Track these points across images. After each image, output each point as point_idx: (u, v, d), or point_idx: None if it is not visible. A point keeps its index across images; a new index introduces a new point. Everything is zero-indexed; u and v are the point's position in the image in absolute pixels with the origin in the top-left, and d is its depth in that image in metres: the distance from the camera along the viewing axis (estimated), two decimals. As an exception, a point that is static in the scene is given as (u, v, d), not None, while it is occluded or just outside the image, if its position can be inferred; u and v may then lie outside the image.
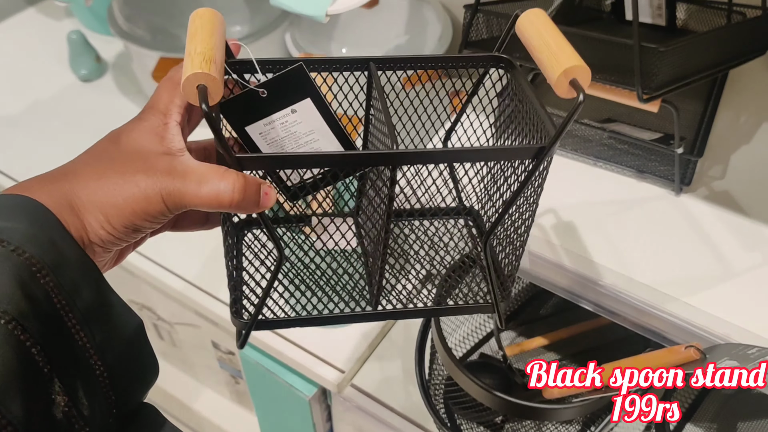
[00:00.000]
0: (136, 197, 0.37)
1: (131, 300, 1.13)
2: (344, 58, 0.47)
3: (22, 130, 1.10)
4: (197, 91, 0.36)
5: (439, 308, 0.51)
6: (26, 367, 0.32)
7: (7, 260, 0.33)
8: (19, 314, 0.32)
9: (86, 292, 0.35)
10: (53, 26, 1.30)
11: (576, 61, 0.39)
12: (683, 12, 0.82)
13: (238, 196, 0.38)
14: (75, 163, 0.40)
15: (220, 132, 0.37)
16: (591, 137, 0.72)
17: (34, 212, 0.36)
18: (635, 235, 0.65)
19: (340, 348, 0.85)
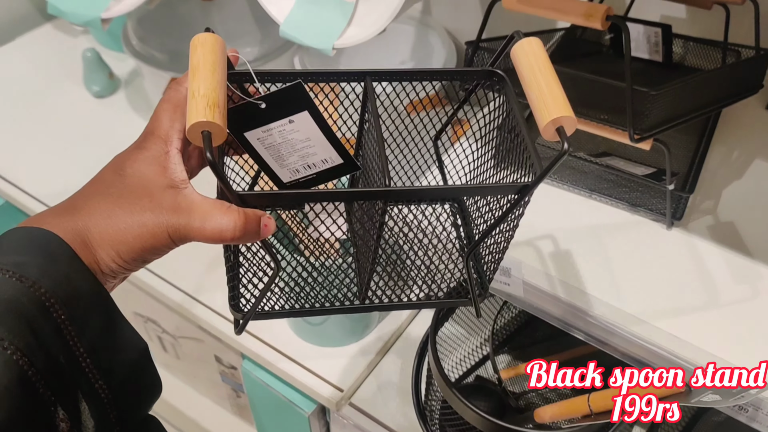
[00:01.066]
0: (144, 235, 0.40)
1: (137, 313, 1.15)
2: (341, 71, 0.49)
3: (35, 144, 1.13)
4: (202, 137, 0.38)
5: (420, 302, 0.53)
6: (31, 398, 0.34)
7: (24, 296, 0.35)
8: (28, 349, 0.34)
9: (95, 322, 0.38)
10: (69, 42, 1.33)
11: (564, 111, 0.41)
12: (680, 47, 0.84)
13: (239, 233, 0.40)
14: (84, 197, 0.42)
15: (223, 174, 0.40)
16: (586, 170, 0.74)
17: (51, 245, 0.38)
18: (627, 266, 0.67)
19: (339, 367, 0.87)
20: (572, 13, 0.60)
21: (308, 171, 0.50)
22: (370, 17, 0.71)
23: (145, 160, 0.42)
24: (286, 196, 0.43)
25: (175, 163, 0.42)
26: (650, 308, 0.63)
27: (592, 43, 0.89)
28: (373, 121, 0.48)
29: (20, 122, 1.16)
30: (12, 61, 1.29)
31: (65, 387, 0.36)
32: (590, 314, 0.63)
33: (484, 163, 0.55)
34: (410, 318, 0.93)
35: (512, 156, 0.48)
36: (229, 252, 0.49)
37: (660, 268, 0.67)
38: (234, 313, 0.50)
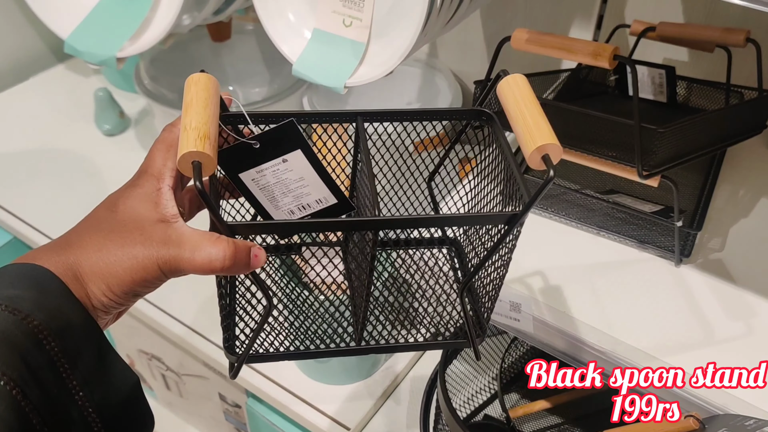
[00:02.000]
0: (135, 268, 0.40)
1: (141, 350, 1.14)
2: (334, 112, 0.51)
3: (46, 181, 1.14)
4: (192, 167, 0.39)
5: (418, 344, 0.53)
6: (24, 430, 0.34)
7: (17, 329, 0.36)
8: (22, 381, 0.34)
9: (87, 355, 0.39)
10: (81, 82, 1.36)
11: (549, 139, 0.41)
12: (684, 89, 0.86)
13: (229, 263, 0.41)
14: (77, 233, 0.42)
15: (212, 202, 0.40)
16: (594, 207, 0.75)
17: (42, 280, 0.39)
18: (636, 303, 0.67)
19: (346, 405, 0.86)
20: (580, 52, 0.61)
21: (303, 212, 0.51)
22: (381, 57, 0.72)
23: (137, 197, 0.43)
24: (275, 226, 0.44)
25: (167, 199, 0.43)
26: (660, 345, 0.63)
27: (597, 84, 0.91)
28: (364, 159, 0.48)
29: (32, 159, 1.18)
30: (26, 100, 1.31)
31: (58, 419, 0.36)
32: (600, 350, 0.63)
33: (477, 203, 0.56)
34: (418, 356, 0.93)
35: (505, 193, 0.49)
36: (223, 293, 0.49)
37: (669, 305, 0.67)
38: (228, 356, 0.50)
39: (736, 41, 0.75)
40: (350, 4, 0.72)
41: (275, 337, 0.51)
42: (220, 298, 0.49)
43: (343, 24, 0.73)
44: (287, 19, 0.76)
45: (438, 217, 0.46)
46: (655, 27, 0.80)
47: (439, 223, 0.47)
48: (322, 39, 0.74)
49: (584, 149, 0.66)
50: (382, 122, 0.52)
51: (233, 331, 0.50)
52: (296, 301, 0.56)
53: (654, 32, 0.80)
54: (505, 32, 0.74)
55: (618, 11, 0.91)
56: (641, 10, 0.89)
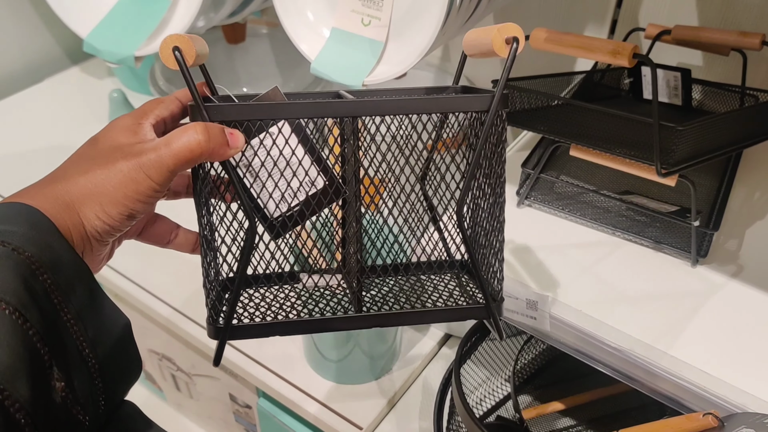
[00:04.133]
0: (123, 181, 0.41)
1: (151, 350, 1.14)
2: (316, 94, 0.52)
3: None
4: (173, 54, 0.41)
5: (426, 310, 0.47)
6: (30, 354, 0.34)
7: (9, 258, 0.35)
8: (22, 306, 0.34)
9: (80, 291, 0.39)
10: (95, 84, 1.37)
11: (507, 24, 0.44)
12: (699, 93, 0.86)
13: (203, 139, 0.41)
14: (62, 168, 0.43)
15: (193, 84, 0.41)
16: (610, 208, 0.75)
17: (32, 217, 0.39)
18: (653, 303, 0.67)
19: (358, 404, 0.86)
20: (599, 51, 0.62)
21: (294, 200, 0.50)
22: (399, 56, 0.73)
23: (116, 129, 0.44)
24: (252, 107, 0.42)
25: (146, 129, 0.44)
26: (677, 343, 0.63)
27: (611, 88, 0.91)
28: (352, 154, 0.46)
29: (46, 160, 1.18)
30: (41, 102, 1.32)
31: (58, 348, 0.36)
32: (618, 348, 0.63)
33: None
34: (430, 356, 0.92)
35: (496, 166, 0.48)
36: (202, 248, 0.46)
37: (686, 305, 0.67)
38: (210, 331, 0.46)
39: (751, 44, 0.75)
40: (369, 3, 0.72)
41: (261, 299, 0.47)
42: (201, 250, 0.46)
43: (362, 23, 0.73)
44: (306, 18, 0.76)
45: (413, 100, 0.44)
46: (671, 30, 0.80)
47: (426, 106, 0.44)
48: (340, 38, 0.74)
49: (602, 148, 0.66)
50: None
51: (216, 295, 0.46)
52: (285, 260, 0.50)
53: (669, 35, 0.80)
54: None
55: (632, 15, 0.92)
56: (655, 14, 0.90)
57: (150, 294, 0.98)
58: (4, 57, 1.33)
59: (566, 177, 0.78)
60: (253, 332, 0.46)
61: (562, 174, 0.79)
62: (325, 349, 0.86)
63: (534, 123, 0.72)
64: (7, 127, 1.26)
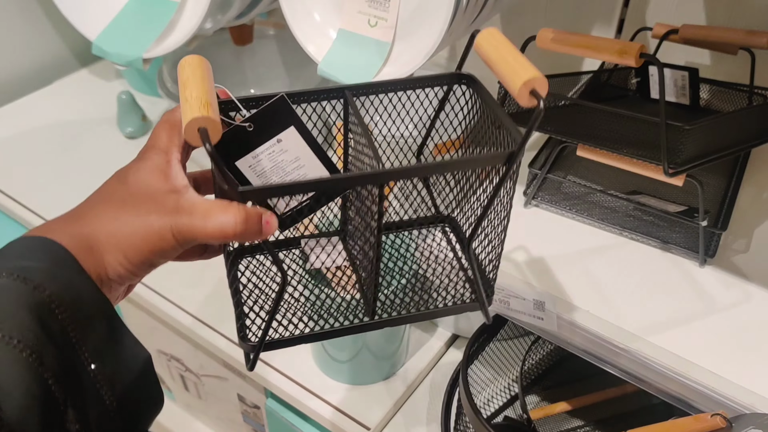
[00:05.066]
0: (151, 237, 0.41)
1: (160, 350, 1.15)
2: (321, 89, 0.50)
3: (69, 182, 1.15)
4: (199, 134, 0.39)
5: (429, 311, 0.53)
6: (45, 396, 0.34)
7: (29, 296, 0.36)
8: (38, 346, 0.35)
9: (99, 327, 0.39)
10: (104, 86, 1.38)
11: (534, 73, 0.41)
12: (706, 92, 0.86)
13: (241, 228, 0.41)
14: (90, 205, 0.43)
15: (222, 166, 0.40)
16: (617, 208, 0.75)
17: (55, 253, 0.39)
18: (660, 303, 0.67)
19: (365, 405, 0.86)
20: (606, 50, 0.61)
21: (301, 197, 0.50)
22: (405, 56, 0.73)
23: (147, 169, 0.43)
24: (285, 187, 0.42)
25: (176, 171, 0.43)
26: (685, 344, 0.63)
27: (619, 88, 0.91)
28: (359, 123, 0.48)
29: (56, 161, 1.19)
30: (50, 103, 1.33)
31: (73, 388, 0.36)
32: (626, 349, 0.63)
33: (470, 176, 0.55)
34: (438, 356, 0.92)
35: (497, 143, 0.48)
36: (232, 285, 0.49)
37: (694, 305, 0.67)
38: (243, 345, 0.49)
39: (759, 43, 0.75)
40: (376, 4, 0.72)
41: (289, 321, 0.51)
42: (231, 285, 0.48)
43: (369, 24, 0.73)
44: (313, 19, 0.77)
45: (440, 164, 0.45)
46: (678, 29, 0.80)
47: (442, 169, 0.45)
48: (347, 39, 0.75)
49: (609, 148, 0.66)
50: (368, 95, 0.52)
51: (246, 318, 0.50)
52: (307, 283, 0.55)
53: (676, 35, 0.80)
54: (526, 36, 0.75)
55: (639, 14, 0.92)
56: (662, 13, 0.90)
57: (159, 295, 0.99)
58: (14, 59, 1.34)
59: (573, 177, 0.78)
60: (282, 345, 0.50)
61: (570, 174, 0.79)
62: (333, 350, 0.86)
63: (541, 123, 0.72)
64: (18, 129, 1.27)
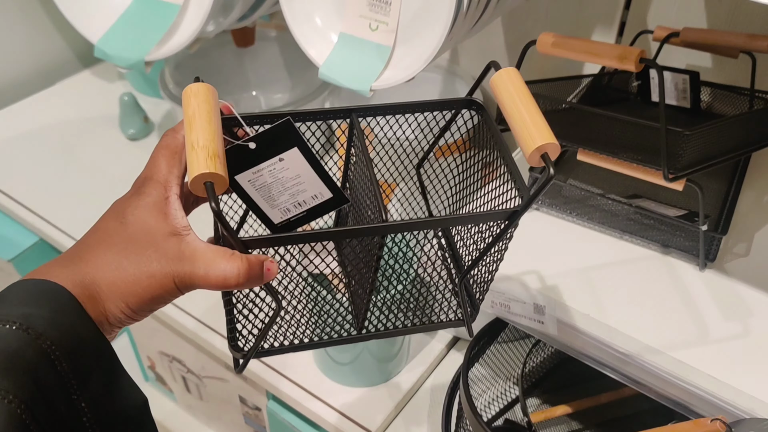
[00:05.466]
0: (153, 286, 0.41)
1: (162, 352, 1.15)
2: (328, 110, 0.51)
3: (71, 183, 1.16)
4: (206, 188, 0.39)
5: (416, 327, 0.54)
6: None
7: (29, 347, 0.36)
8: (32, 401, 0.35)
9: (98, 375, 0.39)
10: (106, 88, 1.38)
11: (548, 138, 0.41)
12: (707, 95, 0.86)
13: (243, 279, 0.41)
14: (89, 247, 0.42)
15: (228, 224, 0.40)
16: (618, 212, 0.75)
17: (58, 297, 0.39)
18: (661, 308, 0.67)
19: (366, 407, 0.86)
20: (606, 56, 0.62)
21: (299, 209, 0.51)
22: (406, 60, 0.73)
23: (145, 207, 0.42)
24: (289, 238, 0.43)
25: (176, 209, 0.43)
26: (686, 348, 0.63)
27: (619, 91, 0.91)
28: (363, 159, 0.48)
29: (58, 162, 1.20)
30: (53, 104, 1.34)
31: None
32: (626, 353, 0.63)
33: (465, 187, 0.57)
34: (439, 359, 0.93)
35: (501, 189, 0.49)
36: (228, 294, 0.49)
37: (695, 309, 0.67)
38: (233, 352, 0.50)
39: (760, 47, 0.75)
40: (377, 8, 0.72)
41: (279, 332, 0.51)
42: (224, 299, 0.49)
43: (370, 28, 0.73)
44: (314, 23, 0.77)
45: (443, 219, 0.46)
46: (679, 32, 0.80)
47: (444, 223, 0.47)
48: (348, 43, 0.75)
49: (609, 153, 0.66)
50: (375, 116, 0.52)
51: (237, 328, 0.50)
52: (299, 296, 0.56)
53: (678, 38, 0.80)
54: (527, 39, 0.75)
55: (640, 17, 0.92)
56: (664, 16, 0.90)
57: (160, 297, 0.99)
58: (17, 61, 1.35)
59: (574, 180, 0.78)
60: (270, 354, 0.52)
61: (570, 177, 0.79)
62: (334, 352, 0.86)
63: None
64: (20, 130, 1.27)
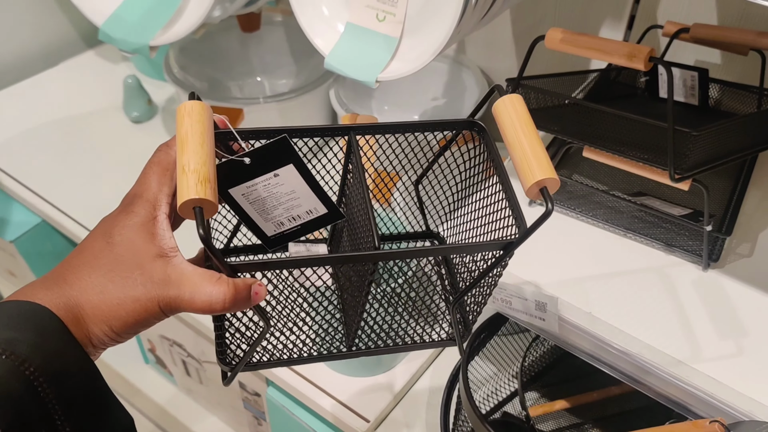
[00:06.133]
0: (137, 310, 0.40)
1: (162, 336, 1.16)
2: (326, 127, 0.51)
3: (74, 165, 1.15)
4: (194, 213, 0.39)
5: (406, 346, 0.54)
6: None
7: (14, 375, 0.35)
8: (11, 429, 0.34)
9: (83, 400, 0.38)
10: (110, 69, 1.37)
11: (547, 173, 0.41)
12: (716, 92, 0.85)
13: (229, 304, 0.40)
14: (73, 269, 0.41)
15: (216, 250, 0.39)
16: (622, 209, 0.74)
17: (42, 320, 0.38)
18: (663, 306, 0.67)
19: (366, 397, 0.87)
20: (615, 53, 0.61)
21: (293, 223, 0.50)
22: (413, 52, 0.72)
23: (133, 227, 0.42)
24: (278, 263, 0.42)
25: (164, 230, 0.42)
26: (686, 349, 0.63)
27: (627, 86, 0.90)
28: (360, 178, 0.48)
29: (60, 143, 1.19)
30: (56, 85, 1.33)
31: None
32: (626, 351, 0.63)
33: (463, 206, 0.57)
34: (438, 352, 0.93)
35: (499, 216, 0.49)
36: None
37: (697, 309, 0.67)
38: (221, 366, 0.49)
39: (770, 45, 0.74)
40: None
41: (269, 347, 0.51)
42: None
43: (377, 18, 0.73)
44: (321, 12, 0.76)
45: (436, 248, 0.47)
46: (689, 28, 0.79)
47: (438, 252, 0.47)
48: (355, 33, 0.74)
49: (615, 151, 0.66)
50: (374, 135, 0.53)
51: (226, 342, 0.50)
52: (289, 314, 0.54)
53: (687, 34, 0.79)
54: (535, 31, 0.74)
55: (650, 12, 0.91)
56: (674, 12, 0.89)
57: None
58: (21, 40, 1.34)
59: (578, 177, 0.78)
60: (259, 368, 0.52)
61: (575, 173, 0.79)
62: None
63: (548, 123, 0.72)
64: (23, 109, 1.27)
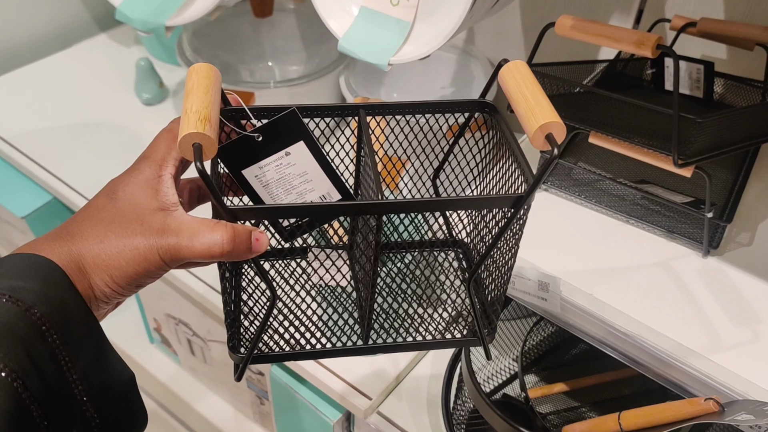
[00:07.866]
0: (137, 259, 0.41)
1: (168, 314, 1.17)
2: (336, 105, 0.50)
3: (86, 145, 1.17)
4: (193, 149, 0.39)
5: (427, 342, 0.52)
6: (25, 422, 0.35)
7: (20, 319, 0.36)
8: (24, 372, 0.35)
9: (87, 349, 0.39)
10: (122, 52, 1.39)
11: (551, 117, 0.40)
12: (720, 86, 0.87)
13: (228, 247, 0.40)
14: (78, 223, 0.42)
15: (213, 186, 0.39)
16: (625, 196, 0.76)
17: (46, 272, 0.39)
18: (662, 291, 0.68)
19: (368, 375, 0.88)
20: (624, 40, 0.62)
21: None
22: (426, 36, 0.74)
23: (137, 183, 0.42)
24: (279, 210, 0.42)
25: (167, 187, 0.42)
26: (685, 332, 0.65)
27: (634, 78, 0.92)
28: (367, 149, 0.48)
29: (73, 123, 1.21)
30: (69, 66, 1.35)
31: (57, 412, 0.37)
32: (626, 332, 0.65)
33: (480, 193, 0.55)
34: (440, 333, 0.95)
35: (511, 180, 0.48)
36: (226, 288, 0.48)
37: (696, 294, 0.68)
38: (232, 356, 0.49)
39: (776, 40, 0.75)
40: (399, -17, 0.73)
41: (280, 337, 0.50)
42: (223, 294, 0.48)
43: (391, 3, 0.74)
44: (336, -5, 0.78)
45: (441, 200, 0.44)
46: (696, 22, 0.80)
47: (443, 206, 0.45)
48: (368, 17, 0.76)
49: (621, 137, 0.68)
50: (384, 115, 0.52)
51: (237, 329, 0.50)
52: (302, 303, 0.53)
53: (694, 28, 0.81)
54: (544, 23, 0.75)
55: (658, 6, 0.92)
56: (682, 5, 0.90)
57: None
58: (34, 22, 1.36)
59: (584, 164, 0.79)
60: (270, 360, 0.50)
61: (580, 160, 0.80)
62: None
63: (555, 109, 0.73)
64: (37, 89, 1.28)
